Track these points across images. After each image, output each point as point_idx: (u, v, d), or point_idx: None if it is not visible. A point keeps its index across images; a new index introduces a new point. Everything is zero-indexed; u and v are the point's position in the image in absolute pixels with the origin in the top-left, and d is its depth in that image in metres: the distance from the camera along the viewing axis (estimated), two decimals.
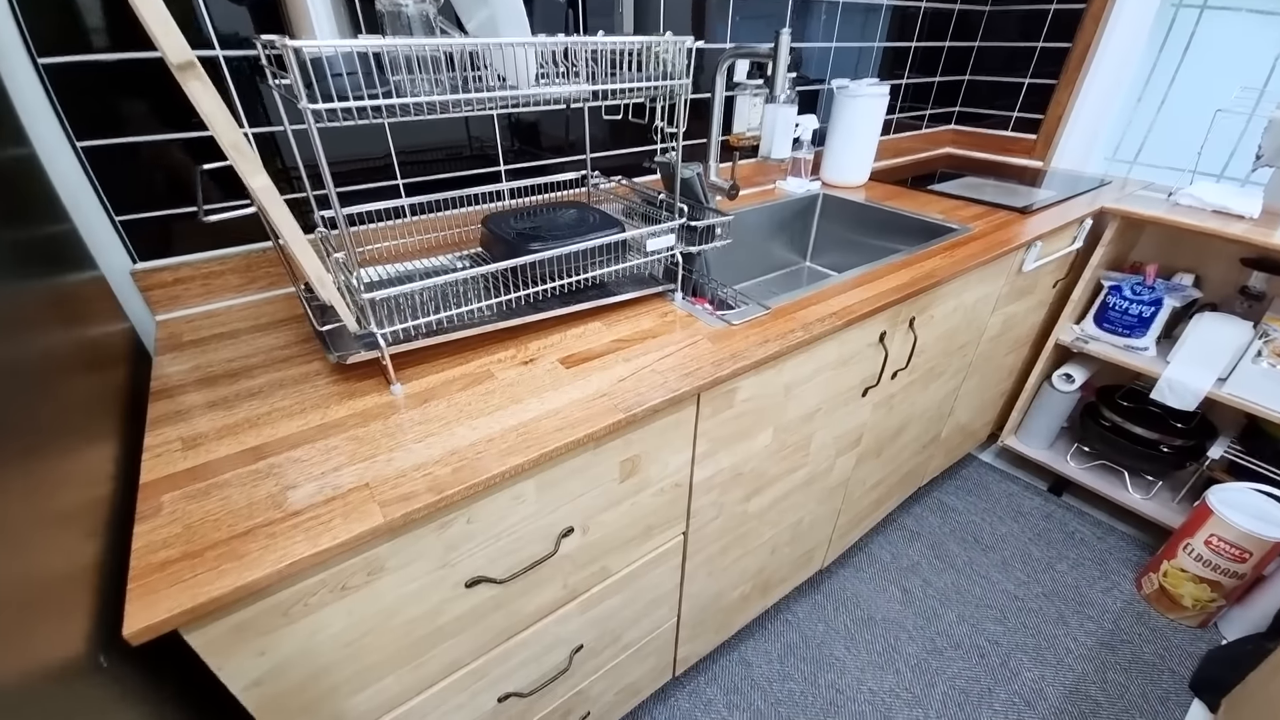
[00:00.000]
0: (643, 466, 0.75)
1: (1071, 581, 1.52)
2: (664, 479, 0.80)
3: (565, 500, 0.69)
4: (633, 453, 0.72)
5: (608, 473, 0.71)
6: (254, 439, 0.61)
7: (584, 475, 0.69)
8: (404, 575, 0.58)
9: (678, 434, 0.77)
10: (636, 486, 0.77)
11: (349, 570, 0.53)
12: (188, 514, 0.52)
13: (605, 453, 0.69)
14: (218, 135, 0.49)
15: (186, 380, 0.71)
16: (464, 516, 0.59)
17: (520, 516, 0.65)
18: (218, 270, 0.86)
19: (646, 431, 0.72)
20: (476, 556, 0.63)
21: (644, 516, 0.81)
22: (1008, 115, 1.90)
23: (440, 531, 0.58)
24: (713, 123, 1.15)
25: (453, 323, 0.72)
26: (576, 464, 0.67)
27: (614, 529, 0.78)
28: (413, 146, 0.98)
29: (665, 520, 0.85)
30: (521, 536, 0.67)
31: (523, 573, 0.68)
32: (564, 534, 0.71)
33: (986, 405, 1.68)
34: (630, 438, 0.71)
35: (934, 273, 1.02)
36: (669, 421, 0.74)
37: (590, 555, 0.77)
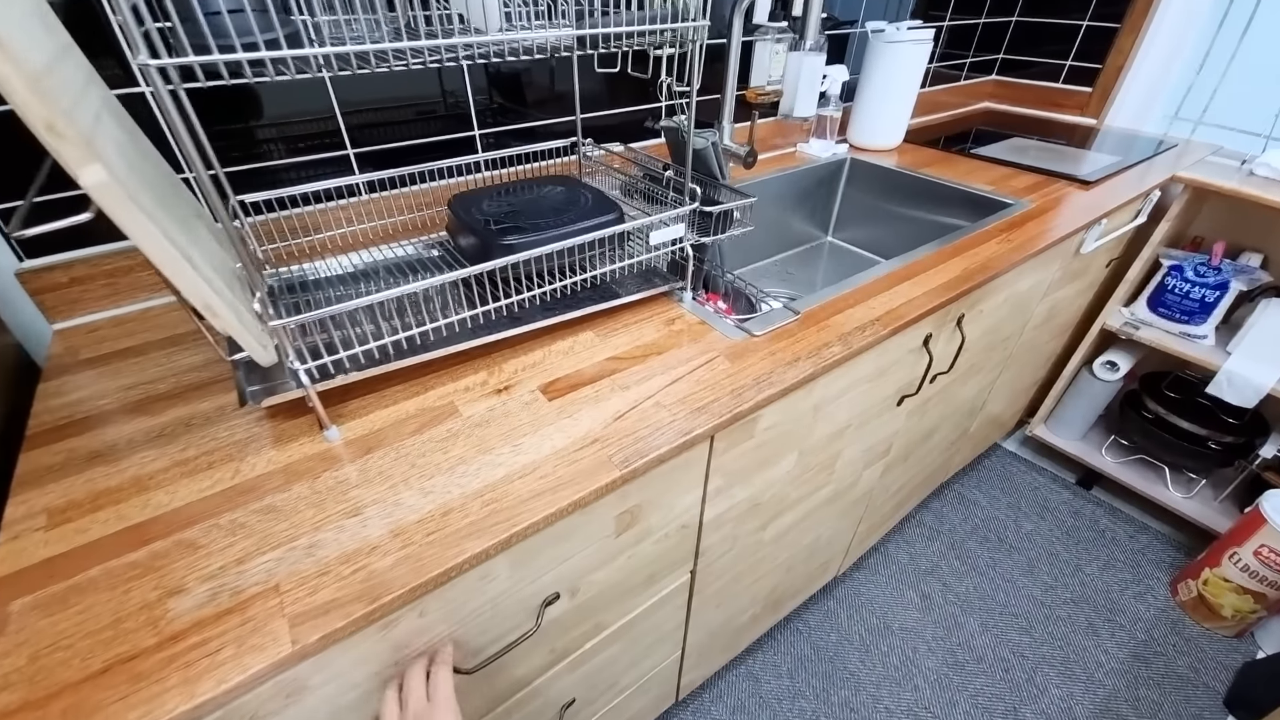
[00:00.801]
0: (644, 516, 0.62)
1: (1101, 586, 1.42)
2: (669, 524, 0.67)
3: (548, 568, 0.55)
4: (631, 504, 0.59)
5: (601, 530, 0.58)
6: (139, 512, 0.47)
7: (571, 539, 0.55)
8: (337, 687, 0.45)
9: (686, 476, 0.63)
10: (636, 538, 0.63)
11: (256, 700, 0.40)
12: (36, 635, 0.38)
13: (597, 510, 0.55)
14: (20, 110, 0.33)
15: (73, 416, 0.56)
16: (414, 610, 0.46)
17: (490, 596, 0.52)
18: (124, 266, 0.70)
19: (648, 479, 0.58)
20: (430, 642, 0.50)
21: (644, 566, 0.68)
22: (1059, 65, 1.67)
23: (384, 632, 0.45)
24: (728, 74, 0.96)
25: (404, 347, 0.57)
26: (560, 530, 0.53)
27: (609, 585, 0.65)
28: (365, 104, 0.80)
29: (669, 565, 0.73)
30: (493, 616, 0.54)
31: (496, 657, 0.55)
32: (548, 602, 0.58)
33: (1019, 394, 1.54)
34: (627, 489, 0.57)
35: (990, 263, 0.86)
36: (676, 464, 0.60)
37: (581, 616, 0.65)
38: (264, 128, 0.74)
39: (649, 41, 0.63)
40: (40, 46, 0.38)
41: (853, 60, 1.37)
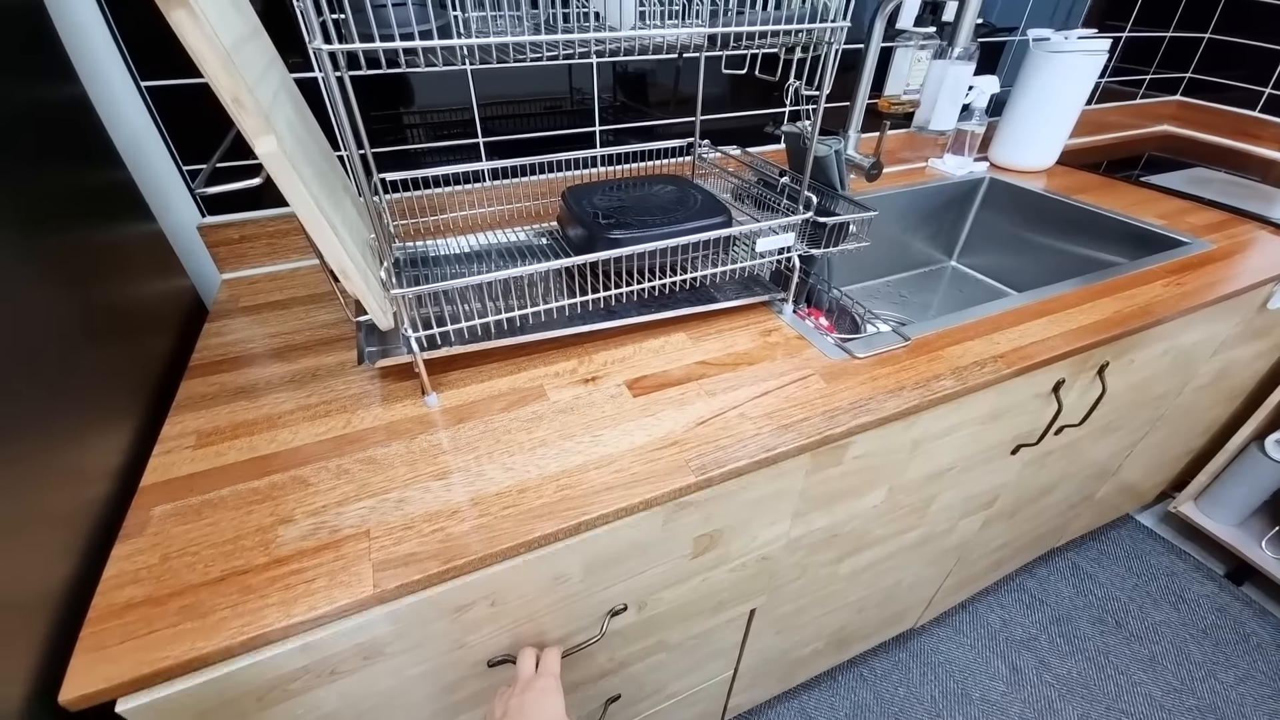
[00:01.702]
0: (724, 541, 0.60)
1: (1235, 698, 1.20)
2: (748, 553, 0.64)
3: (622, 579, 0.55)
4: (713, 527, 0.57)
5: (678, 548, 0.57)
6: (267, 445, 0.53)
7: (647, 553, 0.55)
8: (408, 659, 0.47)
9: (775, 506, 0.60)
10: (713, 562, 0.61)
11: (338, 657, 0.43)
12: (170, 539, 0.44)
13: (678, 527, 0.54)
14: (211, 82, 0.38)
15: (227, 355, 0.65)
16: (486, 600, 0.47)
17: (560, 596, 0.52)
18: (284, 229, 0.80)
19: (734, 503, 0.56)
20: (501, 637, 0.51)
21: (716, 592, 0.66)
22: (1257, 91, 1.42)
23: (456, 616, 0.46)
24: (861, 81, 0.91)
25: (503, 328, 0.59)
26: (638, 541, 0.53)
27: (677, 604, 0.64)
28: (500, 97, 0.84)
29: (742, 595, 0.70)
30: (560, 617, 0.54)
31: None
32: (615, 612, 0.58)
33: (1167, 463, 1.33)
34: (710, 510, 0.55)
35: (1151, 308, 0.74)
36: (766, 491, 0.58)
37: (645, 630, 0.64)
38: (410, 114, 0.80)
39: (782, 43, 0.61)
40: (231, 28, 0.44)
41: (1006, 71, 1.25)
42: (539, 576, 0.49)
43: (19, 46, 0.51)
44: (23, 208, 0.45)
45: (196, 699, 0.39)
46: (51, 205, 0.50)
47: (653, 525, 0.52)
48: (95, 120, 0.62)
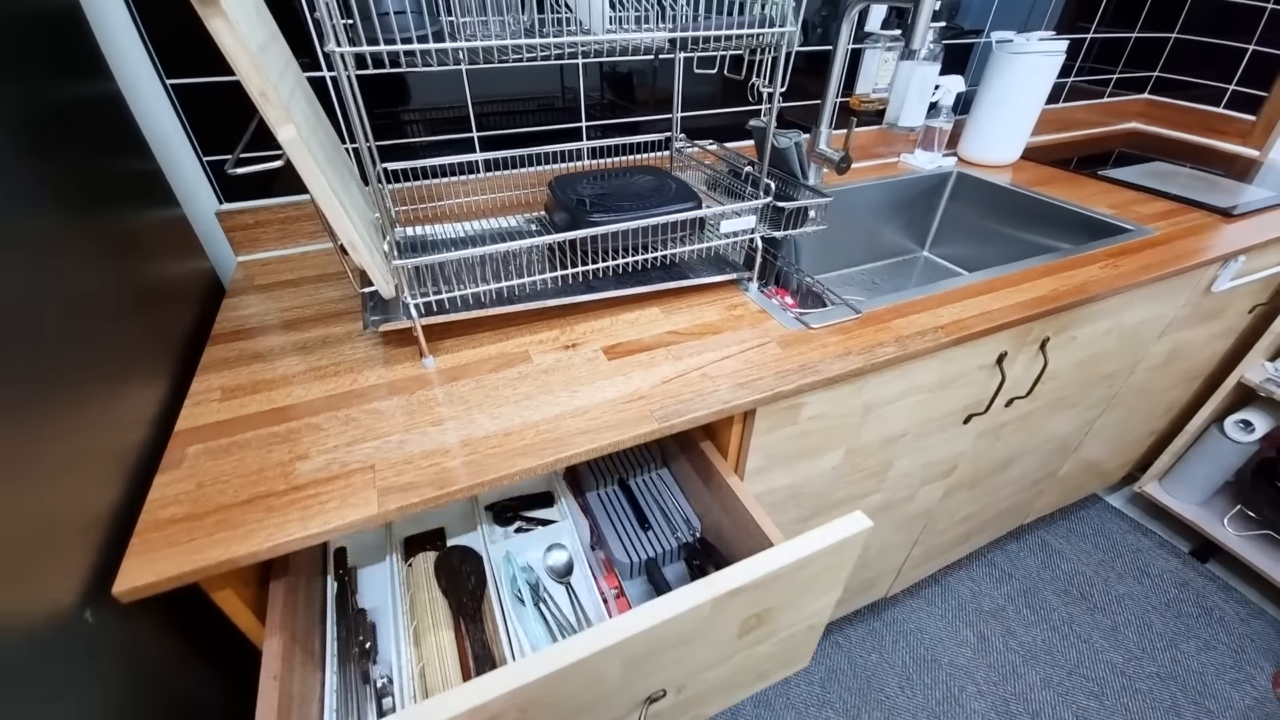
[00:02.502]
0: (772, 619, 0.56)
1: (1196, 666, 1.26)
2: (795, 625, 0.60)
3: (659, 670, 0.51)
4: (761, 608, 0.53)
5: (722, 633, 0.53)
6: (284, 399, 0.60)
7: (689, 643, 0.50)
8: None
9: (830, 579, 0.57)
10: (758, 639, 0.58)
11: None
12: (204, 471, 0.52)
13: (722, 616, 0.50)
14: (243, 79, 0.45)
15: (245, 326, 0.72)
16: (516, 710, 0.43)
17: (597, 694, 0.48)
18: (294, 215, 0.87)
19: (785, 584, 0.52)
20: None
21: (758, 665, 0.62)
22: (1221, 88, 1.50)
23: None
24: (831, 80, 0.98)
25: (493, 297, 0.67)
26: (679, 632, 0.48)
27: (718, 682, 0.60)
28: (493, 96, 0.92)
29: (784, 663, 0.66)
30: (594, 712, 0.50)
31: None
32: (653, 699, 0.54)
33: (1128, 444, 1.40)
34: (758, 595, 0.51)
35: (1086, 286, 0.81)
36: (818, 569, 0.54)
37: (682, 711, 0.61)
38: (410, 112, 0.88)
39: (743, 45, 0.68)
40: (257, 33, 0.51)
41: (973, 70, 1.32)
42: (575, 679, 0.44)
43: (61, 45, 0.59)
44: (72, 192, 0.53)
45: None
46: (95, 190, 0.57)
47: (697, 616, 0.47)
48: (127, 113, 0.70)
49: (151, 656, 0.48)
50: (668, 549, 0.73)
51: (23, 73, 0.50)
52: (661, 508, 0.79)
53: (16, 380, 0.40)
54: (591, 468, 0.82)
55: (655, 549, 0.73)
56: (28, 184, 0.47)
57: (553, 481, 0.83)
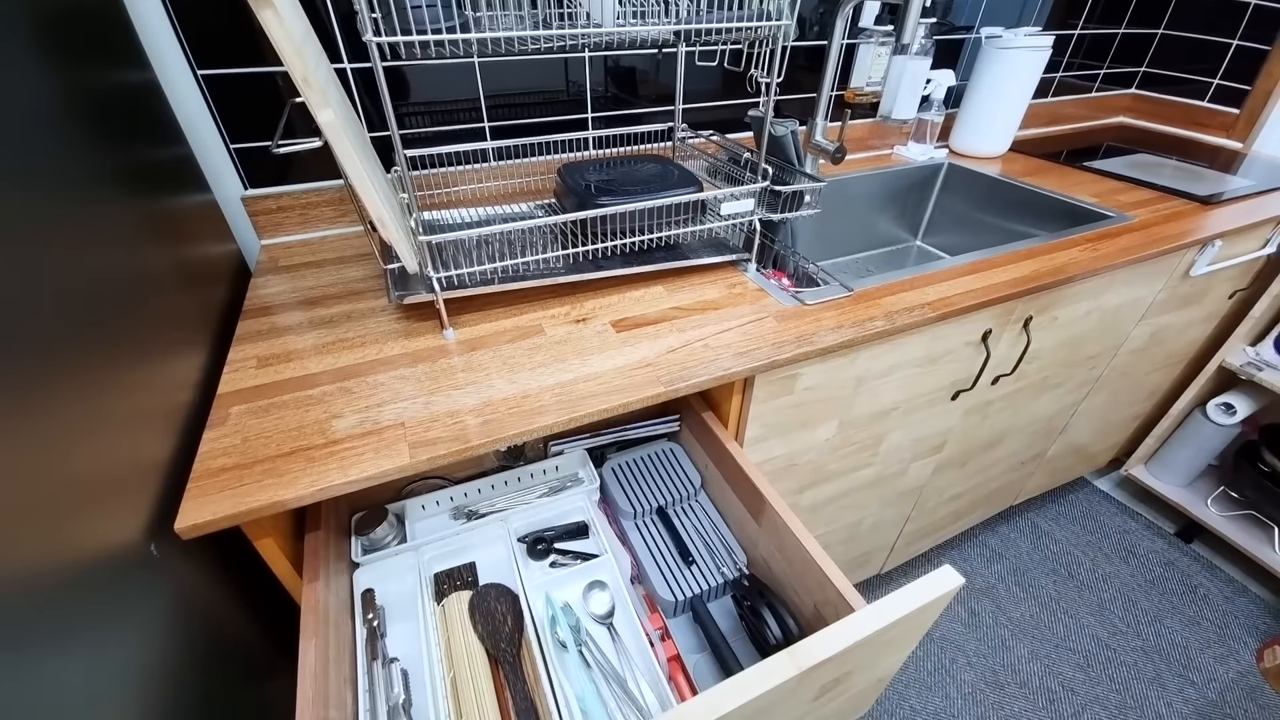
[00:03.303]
0: (847, 680, 0.54)
1: (1180, 641, 1.31)
2: (866, 682, 0.57)
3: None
4: (840, 673, 0.50)
5: (803, 698, 0.50)
6: (315, 366, 0.64)
7: (767, 716, 0.47)
8: None
9: (909, 637, 0.54)
10: (829, 699, 0.55)
11: None
12: (247, 428, 0.56)
13: (804, 686, 0.47)
14: (288, 66, 0.50)
15: (273, 303, 0.77)
16: None
17: None
18: (314, 201, 0.92)
19: (872, 646, 0.49)
20: None
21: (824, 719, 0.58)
22: (1205, 82, 1.54)
23: None
24: (826, 74, 1.03)
25: (509, 274, 0.71)
26: (760, 706, 0.44)
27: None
28: (503, 89, 0.96)
29: (845, 715, 0.62)
30: None
31: None
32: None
33: (1114, 427, 1.45)
34: (841, 662, 0.48)
35: (1065, 267, 0.86)
36: (902, 630, 0.51)
37: None
38: (425, 104, 0.92)
39: (742, 38, 0.73)
40: (298, 24, 0.56)
41: (964, 65, 1.37)
42: None
43: (105, 34, 0.63)
44: (120, 175, 0.57)
45: None
46: (143, 175, 0.61)
47: (782, 691, 0.45)
48: (165, 101, 0.74)
49: (202, 592, 0.53)
50: (713, 585, 0.68)
51: (79, 62, 0.54)
52: (704, 539, 0.73)
53: (89, 343, 0.45)
54: (629, 496, 0.76)
55: (700, 586, 0.68)
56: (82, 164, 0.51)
57: (589, 509, 0.76)
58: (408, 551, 0.67)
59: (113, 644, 0.40)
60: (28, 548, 0.34)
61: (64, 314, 0.43)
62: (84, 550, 0.39)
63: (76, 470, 0.40)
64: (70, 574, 0.37)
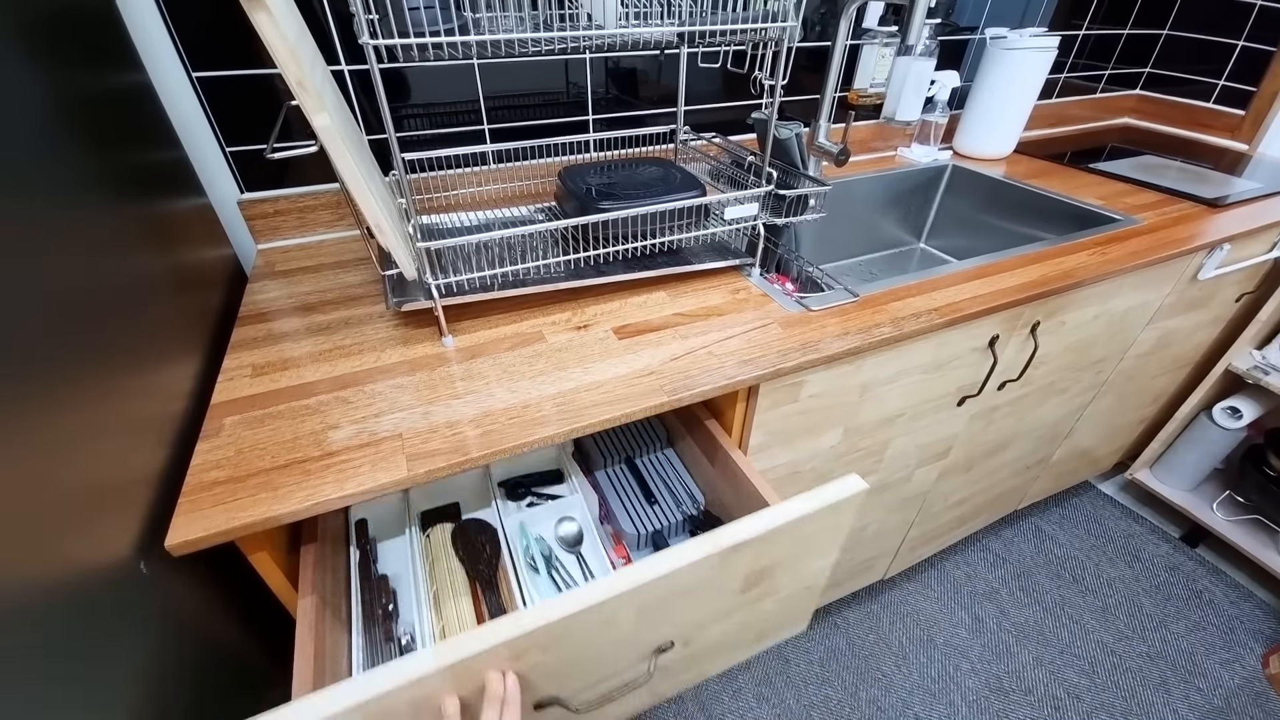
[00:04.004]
0: (772, 575, 0.58)
1: (1185, 646, 1.30)
2: (795, 585, 0.62)
3: (668, 620, 0.52)
4: (764, 564, 0.55)
5: (727, 585, 0.54)
6: (311, 374, 0.63)
7: (696, 594, 0.52)
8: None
9: (829, 539, 0.58)
10: (758, 596, 0.59)
11: (398, 709, 0.38)
12: (241, 439, 0.55)
13: (728, 569, 0.52)
14: (282, 69, 0.48)
15: (270, 309, 0.75)
16: (539, 648, 0.45)
17: (610, 640, 0.49)
18: (311, 205, 0.90)
19: (789, 539, 0.54)
20: (549, 680, 0.49)
21: (758, 623, 0.63)
22: (1211, 83, 1.53)
23: (511, 663, 0.44)
24: (829, 75, 1.01)
25: (509, 279, 0.70)
26: (688, 583, 0.50)
27: (721, 638, 0.61)
28: (504, 91, 0.95)
29: (781, 624, 0.66)
30: (609, 659, 0.52)
31: (604, 701, 0.54)
32: (661, 650, 0.55)
33: (1118, 431, 1.44)
34: (760, 550, 0.52)
35: (1073, 272, 0.85)
36: (821, 524, 0.55)
37: (688, 665, 0.61)
38: (423, 105, 0.91)
39: (746, 40, 0.71)
40: (292, 27, 0.54)
41: (968, 66, 1.35)
42: (591, 622, 0.47)
43: (97, 36, 0.62)
44: (111, 179, 0.56)
45: None
46: (136, 177, 0.60)
47: (705, 569, 0.49)
48: (159, 104, 0.73)
49: (194, 610, 0.51)
50: (673, 522, 0.77)
51: (65, 62, 0.53)
52: (667, 484, 0.82)
53: (80, 351, 0.43)
54: (600, 447, 0.86)
55: (661, 522, 0.77)
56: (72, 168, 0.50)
57: (562, 459, 0.86)
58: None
59: (100, 668, 0.38)
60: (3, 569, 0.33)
61: (52, 322, 0.41)
62: (67, 570, 0.38)
63: (61, 485, 0.39)
64: (51, 596, 0.36)
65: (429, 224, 0.86)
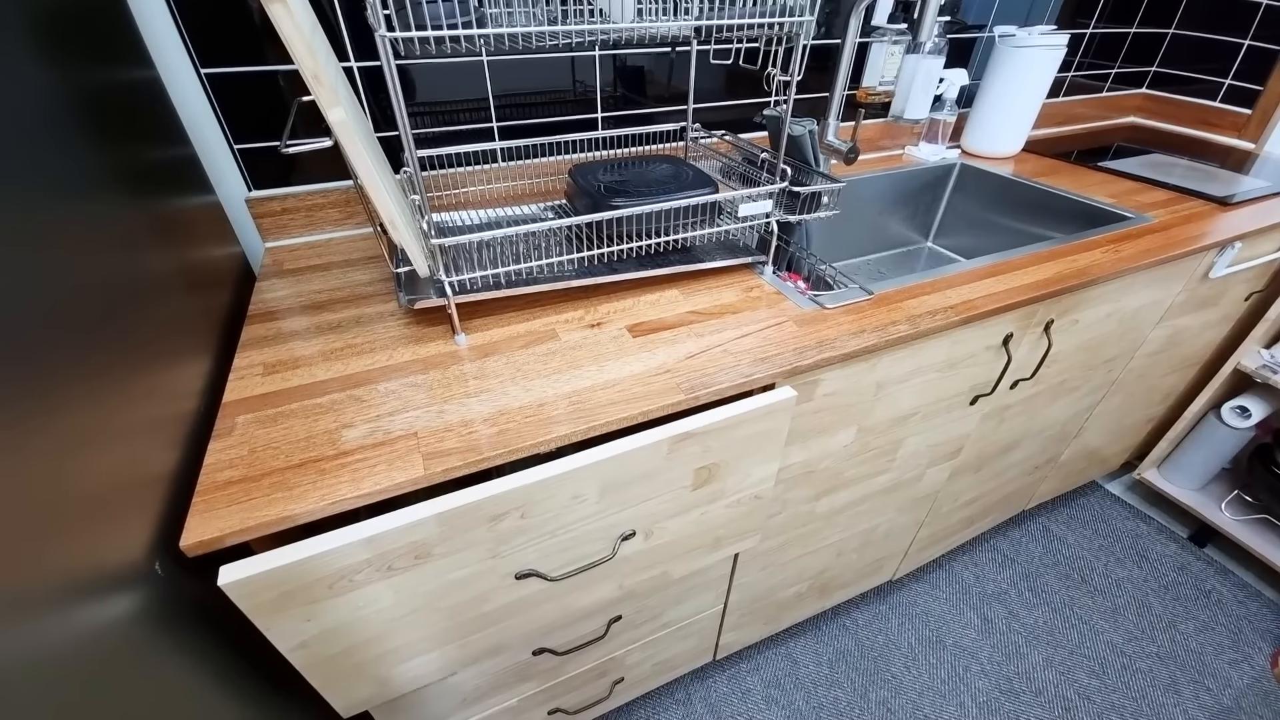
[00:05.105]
0: (720, 475, 0.66)
1: (1195, 646, 1.30)
2: (742, 491, 0.70)
3: (629, 504, 0.61)
4: (710, 461, 0.63)
5: (680, 478, 0.62)
6: (324, 373, 0.62)
7: (653, 480, 0.60)
8: (451, 562, 0.54)
9: (765, 445, 0.66)
10: (710, 496, 0.67)
11: (395, 552, 0.49)
12: (254, 438, 0.54)
13: (679, 457, 0.60)
14: (298, 63, 0.48)
15: (279, 307, 0.75)
16: (517, 511, 0.54)
17: (578, 516, 0.58)
18: (319, 203, 0.90)
19: (728, 439, 0.62)
20: (528, 551, 0.58)
21: (714, 528, 0.72)
22: (1217, 82, 1.53)
23: (492, 524, 0.53)
24: (838, 73, 1.01)
25: (522, 277, 0.69)
26: (643, 467, 0.58)
27: (680, 536, 0.69)
28: (513, 89, 0.94)
29: (737, 532, 0.75)
30: (578, 536, 0.60)
31: (577, 572, 0.62)
32: (625, 537, 0.64)
33: (1127, 430, 1.44)
34: (709, 444, 0.61)
35: (1088, 270, 0.84)
36: (756, 429, 0.63)
37: (651, 560, 0.71)
38: (432, 104, 0.90)
39: (761, 35, 0.71)
40: (307, 20, 0.54)
41: (976, 64, 1.35)
42: (561, 493, 0.54)
43: (105, 31, 0.61)
44: (122, 176, 0.55)
45: (281, 579, 0.46)
46: (142, 174, 0.59)
47: (656, 454, 0.58)
48: (168, 101, 0.72)
49: (211, 609, 0.51)
50: None
51: (75, 58, 0.52)
52: None
53: (89, 349, 0.43)
54: None
55: None
56: (84, 165, 0.49)
57: None
58: None
59: (113, 669, 0.38)
60: (18, 568, 0.32)
61: (62, 320, 0.41)
62: (80, 570, 0.37)
63: (73, 485, 0.38)
64: (65, 595, 0.35)
65: (438, 222, 0.86)
